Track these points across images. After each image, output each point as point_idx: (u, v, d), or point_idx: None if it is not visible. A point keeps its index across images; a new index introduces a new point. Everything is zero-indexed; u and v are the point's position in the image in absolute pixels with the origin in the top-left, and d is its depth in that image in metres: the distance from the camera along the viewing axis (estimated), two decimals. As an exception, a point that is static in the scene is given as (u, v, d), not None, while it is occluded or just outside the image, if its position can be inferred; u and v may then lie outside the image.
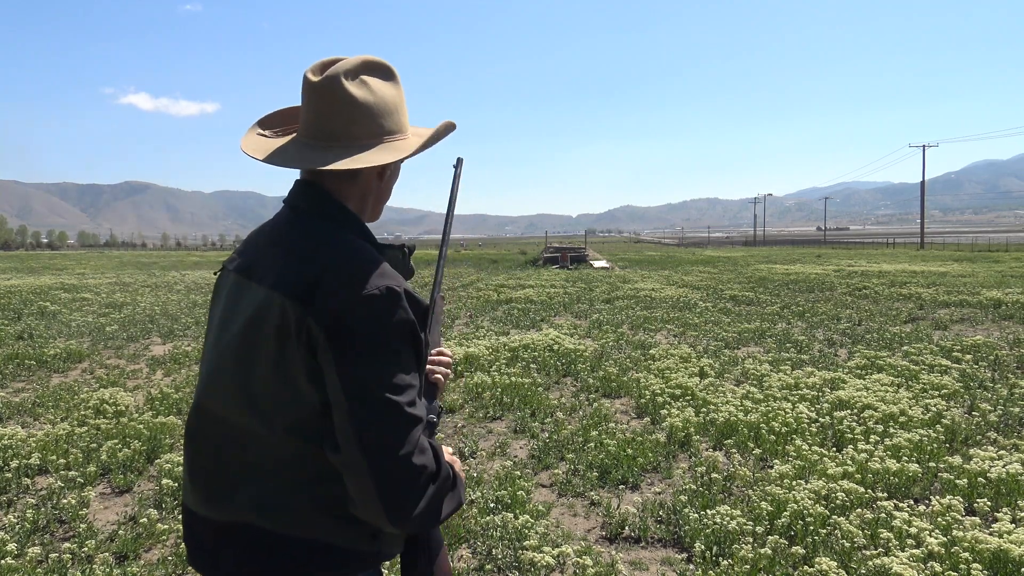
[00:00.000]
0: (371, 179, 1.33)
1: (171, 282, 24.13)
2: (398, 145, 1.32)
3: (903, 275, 23.10)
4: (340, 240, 1.25)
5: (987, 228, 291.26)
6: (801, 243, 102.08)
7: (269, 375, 1.20)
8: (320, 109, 1.29)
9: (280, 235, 1.31)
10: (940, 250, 55.05)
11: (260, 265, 1.28)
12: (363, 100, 1.28)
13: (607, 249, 69.04)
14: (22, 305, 15.70)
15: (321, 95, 1.28)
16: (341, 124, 1.28)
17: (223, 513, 1.26)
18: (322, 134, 1.29)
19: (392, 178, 1.40)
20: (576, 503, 4.40)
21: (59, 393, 7.15)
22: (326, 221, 1.28)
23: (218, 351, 1.30)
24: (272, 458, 1.22)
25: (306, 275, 1.19)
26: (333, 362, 1.14)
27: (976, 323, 12.09)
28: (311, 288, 1.17)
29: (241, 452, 1.25)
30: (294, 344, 1.17)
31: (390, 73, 1.35)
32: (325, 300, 1.16)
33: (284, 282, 1.20)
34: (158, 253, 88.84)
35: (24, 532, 3.85)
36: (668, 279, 23.90)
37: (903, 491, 4.42)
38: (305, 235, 1.27)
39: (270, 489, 1.22)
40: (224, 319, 1.32)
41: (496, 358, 8.69)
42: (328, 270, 1.19)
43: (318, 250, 1.23)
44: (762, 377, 7.53)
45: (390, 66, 1.35)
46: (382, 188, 1.38)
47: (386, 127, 1.31)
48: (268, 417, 1.21)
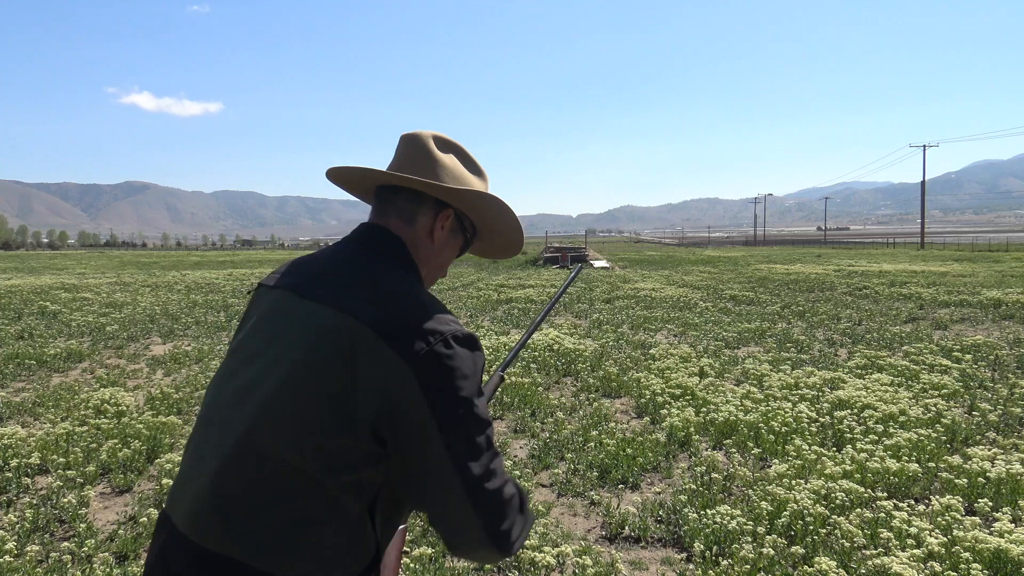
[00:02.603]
0: (425, 229, 1.34)
1: (171, 282, 24.13)
2: (458, 191, 1.35)
3: (903, 275, 23.10)
4: (413, 282, 1.27)
5: (987, 228, 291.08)
6: (801, 243, 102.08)
7: (314, 400, 1.14)
8: (405, 153, 1.37)
9: (347, 265, 1.26)
10: (940, 250, 55.04)
11: (323, 287, 1.22)
12: (440, 158, 1.36)
13: (607, 249, 69.03)
14: (22, 305, 15.71)
15: (406, 144, 1.38)
16: (418, 168, 1.35)
17: (203, 536, 1.16)
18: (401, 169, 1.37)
19: (445, 248, 1.39)
20: (576, 503, 4.40)
21: (59, 393, 7.15)
22: (398, 265, 1.28)
23: (252, 367, 1.22)
24: (278, 489, 1.15)
25: (387, 306, 1.17)
26: (423, 398, 1.11)
27: (976, 323, 12.09)
28: (393, 320, 1.15)
29: (246, 478, 1.16)
30: (356, 371, 1.12)
31: (477, 169, 1.43)
32: (411, 334, 1.14)
33: (359, 308, 1.16)
34: (158, 253, 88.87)
35: (24, 531, 3.85)
36: (668, 279, 23.91)
37: (903, 491, 4.42)
38: (377, 270, 1.25)
39: (267, 524, 1.14)
40: (265, 333, 1.24)
41: (496, 358, 8.70)
42: (411, 307, 1.18)
43: (396, 287, 1.22)
44: (762, 377, 7.53)
45: (480, 165, 1.44)
46: (435, 252, 1.37)
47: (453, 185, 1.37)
48: (295, 443, 1.14)
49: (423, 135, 1.38)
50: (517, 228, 1.45)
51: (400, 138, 1.41)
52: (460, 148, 1.42)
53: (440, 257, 1.39)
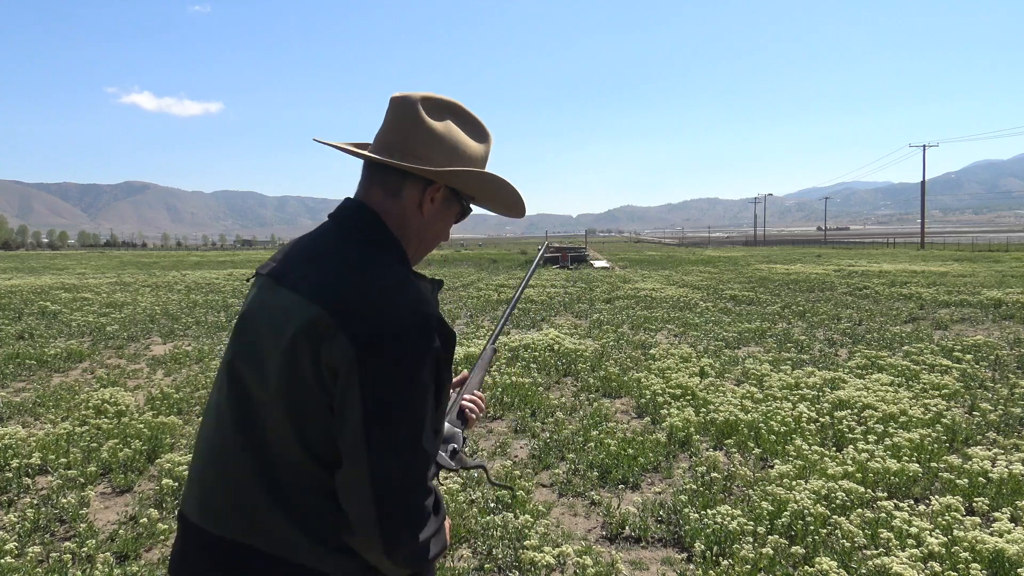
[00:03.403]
0: (413, 202, 1.29)
1: (171, 282, 24.13)
2: (446, 174, 1.29)
3: (903, 275, 23.10)
4: (382, 262, 1.22)
5: (987, 228, 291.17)
6: (801, 243, 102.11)
7: (293, 389, 1.16)
8: (393, 121, 1.30)
9: (320, 247, 1.27)
10: (940, 250, 55.05)
11: (295, 272, 1.24)
12: (432, 128, 1.28)
13: (607, 249, 69.04)
14: (23, 305, 15.71)
15: (394, 111, 1.30)
16: (403, 140, 1.28)
17: (217, 525, 1.21)
18: (385, 146, 1.30)
19: (438, 219, 1.34)
20: (576, 503, 4.40)
21: (60, 393, 7.15)
22: (371, 243, 1.25)
23: (242, 357, 1.26)
24: (277, 471, 1.18)
25: (344, 291, 1.16)
26: (358, 383, 1.10)
27: (976, 323, 12.09)
28: (349, 305, 1.14)
29: (249, 462, 1.20)
30: (319, 356, 1.13)
31: (477, 131, 1.35)
32: (363, 320, 1.12)
33: (320, 294, 1.16)
34: (158, 253, 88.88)
35: (24, 531, 3.86)
36: (668, 279, 23.91)
37: (903, 491, 4.42)
38: (347, 252, 1.23)
39: (267, 504, 1.18)
40: (249, 321, 1.27)
41: (496, 358, 8.69)
42: (369, 290, 1.16)
43: (360, 269, 1.20)
44: (762, 377, 7.53)
45: (482, 125, 1.37)
46: (424, 225, 1.32)
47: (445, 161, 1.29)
48: (285, 430, 1.17)
49: (412, 100, 1.29)
50: (517, 199, 1.38)
51: (389, 101, 1.32)
52: (457, 109, 1.34)
53: (433, 228, 1.34)
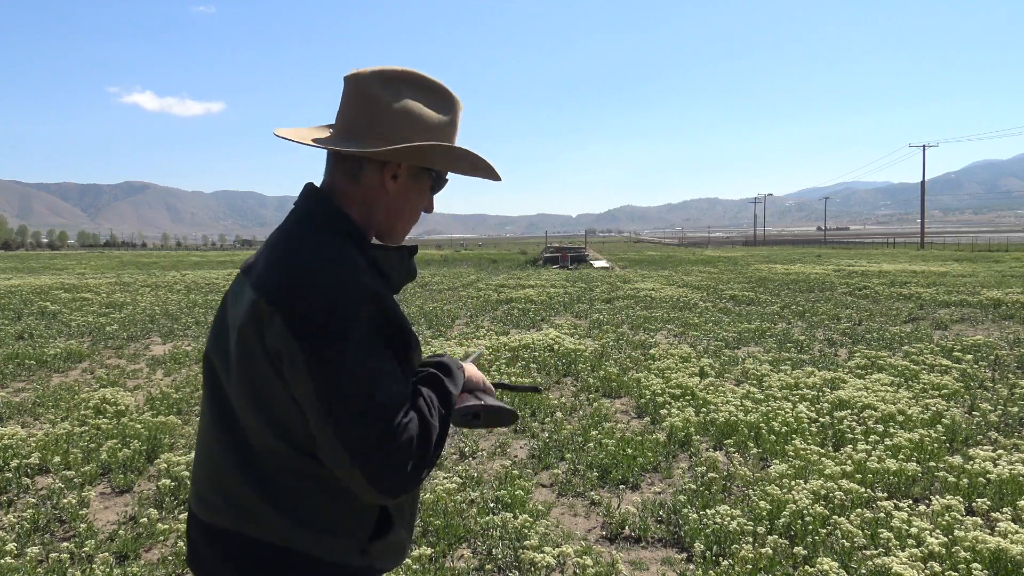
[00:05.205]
0: (374, 182, 1.27)
1: (171, 282, 24.13)
2: (400, 151, 1.26)
3: (903, 275, 23.10)
4: (319, 242, 1.22)
5: (987, 228, 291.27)
6: (801, 243, 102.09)
7: (258, 379, 1.19)
8: (347, 103, 1.30)
9: (274, 237, 1.29)
10: (940, 250, 55.04)
11: (255, 263, 1.28)
12: (387, 106, 1.26)
13: (607, 249, 69.04)
14: (22, 305, 15.71)
15: (348, 92, 1.30)
16: (359, 120, 1.28)
17: (210, 515, 1.27)
18: (343, 128, 1.30)
19: (409, 192, 1.31)
20: (576, 503, 4.40)
21: (59, 393, 7.15)
22: (311, 222, 1.26)
23: (211, 348, 1.31)
24: (255, 459, 1.22)
25: (277, 276, 1.19)
26: (303, 361, 1.12)
27: (976, 323, 12.09)
28: (280, 288, 1.16)
29: (228, 452, 1.25)
30: (264, 342, 1.16)
31: (439, 101, 1.31)
32: (294, 300, 1.14)
33: (261, 282, 1.20)
34: (158, 253, 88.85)
35: (24, 532, 3.85)
36: (668, 279, 23.91)
37: (903, 491, 4.42)
38: (287, 236, 1.26)
39: (250, 492, 1.22)
40: (220, 315, 1.32)
41: (496, 358, 8.70)
42: (298, 271, 1.17)
43: (296, 251, 1.21)
44: (762, 377, 7.53)
45: (445, 90, 1.33)
46: (393, 202, 1.30)
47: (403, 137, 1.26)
48: (260, 420, 1.21)
49: (365, 78, 1.27)
50: (483, 162, 1.34)
51: (343, 81, 1.30)
52: (413, 78, 1.30)
53: (406, 203, 1.32)
